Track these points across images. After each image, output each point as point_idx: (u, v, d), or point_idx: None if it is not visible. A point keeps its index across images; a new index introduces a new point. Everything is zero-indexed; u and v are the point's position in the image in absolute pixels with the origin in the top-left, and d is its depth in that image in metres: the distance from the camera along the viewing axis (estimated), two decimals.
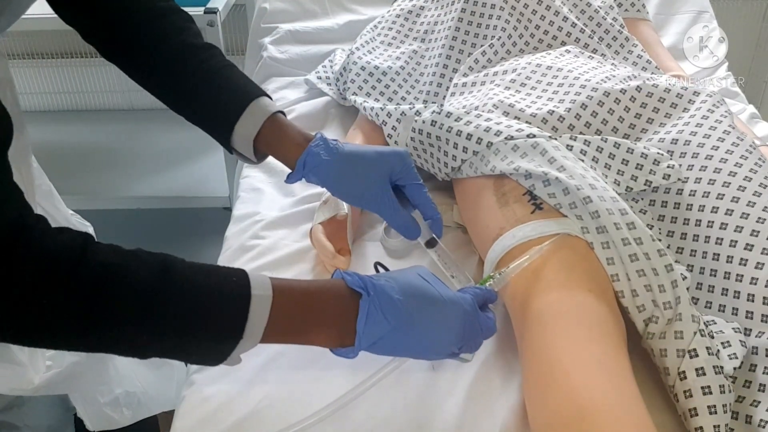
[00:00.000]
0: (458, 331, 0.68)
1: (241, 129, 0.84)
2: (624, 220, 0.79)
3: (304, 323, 0.65)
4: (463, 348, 0.70)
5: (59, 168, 1.95)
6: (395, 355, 0.69)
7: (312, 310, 0.65)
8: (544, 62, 1.07)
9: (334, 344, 0.67)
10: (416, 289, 0.68)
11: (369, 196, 0.84)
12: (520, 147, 0.89)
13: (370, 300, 0.65)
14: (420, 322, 0.66)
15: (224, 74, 0.85)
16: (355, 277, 0.66)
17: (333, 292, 0.66)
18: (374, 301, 0.65)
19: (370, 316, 0.64)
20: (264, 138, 0.84)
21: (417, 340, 0.67)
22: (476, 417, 0.76)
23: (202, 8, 1.51)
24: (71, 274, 0.55)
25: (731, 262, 0.80)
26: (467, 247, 0.99)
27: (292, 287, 0.65)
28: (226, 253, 1.02)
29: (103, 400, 1.16)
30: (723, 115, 0.94)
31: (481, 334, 0.71)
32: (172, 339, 0.60)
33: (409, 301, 0.66)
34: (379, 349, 0.67)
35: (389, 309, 0.65)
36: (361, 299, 0.65)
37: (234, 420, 0.76)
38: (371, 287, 0.65)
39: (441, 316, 0.68)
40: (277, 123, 0.84)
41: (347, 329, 0.65)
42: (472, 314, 0.70)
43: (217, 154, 1.92)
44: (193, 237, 1.99)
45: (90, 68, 2.11)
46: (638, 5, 1.33)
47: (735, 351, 0.74)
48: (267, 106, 0.84)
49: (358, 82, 1.23)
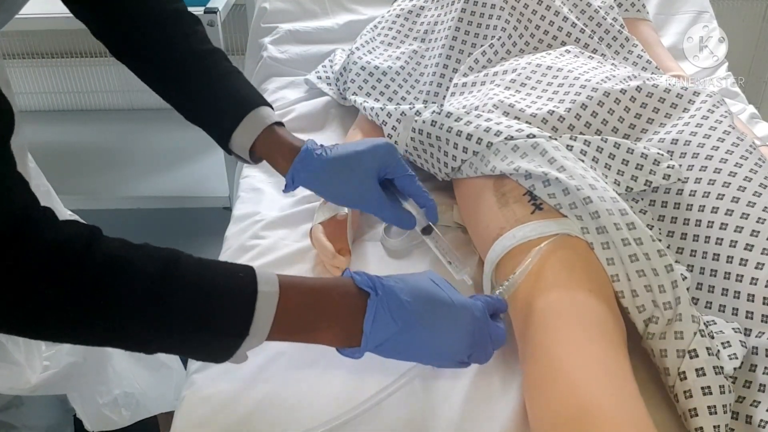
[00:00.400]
0: (468, 337, 0.68)
1: (238, 138, 0.86)
2: (624, 220, 0.79)
3: (310, 321, 0.64)
4: (472, 357, 0.69)
5: (59, 168, 1.96)
6: (402, 359, 0.68)
7: (319, 307, 0.65)
8: (544, 62, 1.07)
9: (341, 343, 0.66)
10: (426, 292, 0.67)
11: (357, 197, 0.85)
12: (520, 147, 0.89)
13: (378, 300, 0.64)
14: (428, 326, 0.66)
15: (226, 82, 0.87)
16: (363, 276, 0.66)
17: (341, 290, 0.66)
18: (382, 302, 0.64)
19: (377, 317, 0.64)
20: (259, 148, 0.87)
21: (424, 344, 0.66)
22: (476, 418, 0.76)
23: (202, 8, 1.51)
24: (77, 266, 0.55)
25: (731, 262, 0.80)
26: (467, 247, 0.99)
27: (299, 284, 0.65)
28: (226, 253, 1.02)
29: (101, 400, 1.16)
30: (723, 115, 0.94)
31: (491, 344, 0.70)
32: (177, 334, 0.60)
33: (418, 304, 0.66)
34: (385, 351, 0.66)
35: (397, 310, 0.64)
36: (369, 299, 0.64)
37: (234, 420, 0.76)
38: (380, 287, 0.65)
39: (450, 321, 0.67)
40: (273, 135, 0.86)
41: (354, 329, 0.64)
42: (483, 321, 0.69)
43: (217, 154, 1.92)
44: (193, 237, 1.98)
45: (90, 68, 2.11)
46: (638, 5, 1.33)
47: (735, 351, 0.74)
48: (264, 118, 0.86)
49: (358, 82, 1.23)
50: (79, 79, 2.13)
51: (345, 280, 0.67)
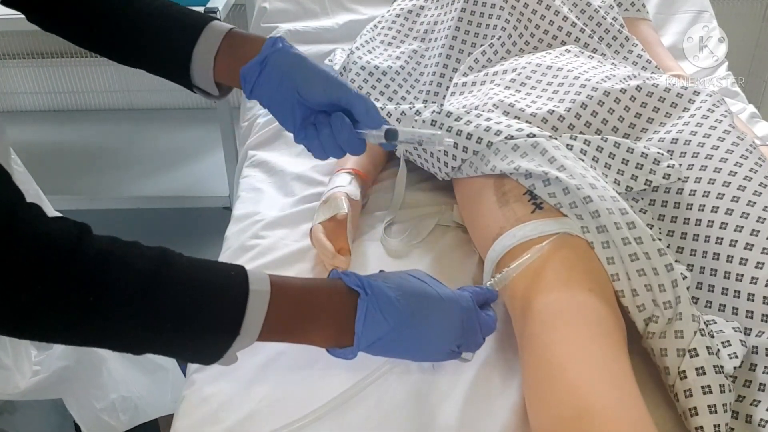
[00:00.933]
0: (457, 328, 0.68)
1: (198, 56, 0.76)
2: (624, 219, 0.79)
3: (302, 321, 0.64)
4: (462, 346, 0.70)
5: (60, 168, 1.96)
6: (394, 357, 0.69)
7: (310, 307, 0.65)
8: (544, 62, 1.07)
9: (332, 344, 0.67)
10: (413, 289, 0.68)
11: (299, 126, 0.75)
12: (520, 146, 0.89)
13: (368, 299, 0.65)
14: (419, 321, 0.66)
15: (168, 10, 0.79)
16: (352, 276, 0.66)
17: (331, 291, 0.66)
18: (372, 301, 0.65)
19: (368, 316, 0.64)
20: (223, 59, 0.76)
21: (416, 340, 0.67)
22: (476, 417, 0.76)
23: (202, 8, 1.51)
24: (67, 260, 0.54)
25: (731, 261, 0.80)
26: (467, 246, 0.99)
27: (290, 284, 0.65)
28: (227, 252, 1.02)
29: (98, 405, 1.15)
30: (723, 114, 0.94)
31: (480, 332, 0.71)
32: (168, 332, 0.59)
33: (408, 300, 0.66)
34: (377, 349, 0.66)
35: (388, 308, 0.65)
36: (360, 299, 0.65)
37: (234, 420, 0.76)
38: (369, 287, 0.65)
39: (439, 314, 0.68)
40: (234, 38, 0.77)
41: (345, 329, 0.65)
42: (471, 311, 0.70)
43: (217, 154, 1.92)
44: (193, 237, 1.99)
45: (90, 68, 2.11)
46: (638, 5, 1.33)
47: (735, 350, 0.74)
48: (220, 27, 0.78)
49: (358, 81, 1.23)
50: (79, 79, 2.14)
51: (335, 281, 0.67)
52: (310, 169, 1.16)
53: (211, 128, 2.02)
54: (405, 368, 0.79)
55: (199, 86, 0.80)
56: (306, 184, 1.13)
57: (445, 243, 1.01)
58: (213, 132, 1.95)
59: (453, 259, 0.97)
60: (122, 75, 2.14)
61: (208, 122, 2.09)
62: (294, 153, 1.22)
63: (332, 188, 1.02)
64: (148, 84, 2.16)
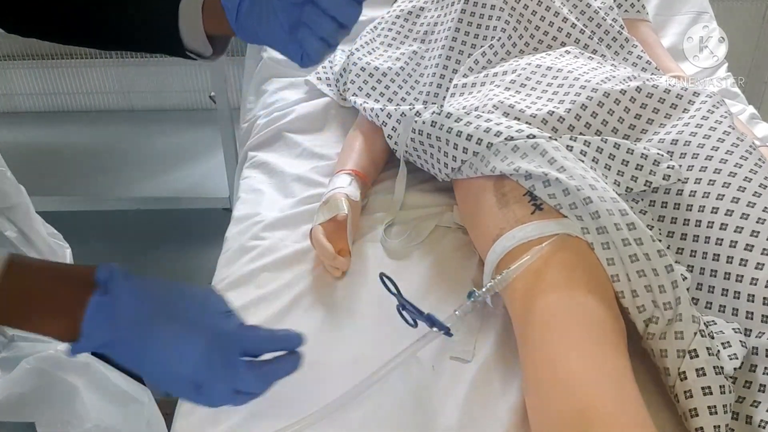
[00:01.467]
0: (195, 360, 0.60)
1: (186, 8, 0.75)
2: (624, 220, 0.79)
3: (29, 303, 0.59)
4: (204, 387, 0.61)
5: (60, 169, 1.96)
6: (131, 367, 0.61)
7: (42, 292, 0.59)
8: (544, 63, 1.07)
9: (64, 337, 0.59)
10: (163, 303, 0.61)
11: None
12: (520, 148, 0.89)
13: (101, 300, 0.58)
14: (153, 342, 0.60)
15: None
16: (107, 271, 0.60)
17: (73, 280, 0.60)
18: (105, 304, 0.58)
19: (95, 318, 0.58)
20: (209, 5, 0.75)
21: (146, 358, 0.60)
22: (476, 418, 0.76)
23: None
24: None
25: (731, 262, 0.80)
26: (467, 248, 0.99)
27: (29, 265, 0.60)
28: (227, 253, 1.02)
29: None
30: (723, 115, 0.94)
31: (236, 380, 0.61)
32: None
33: (151, 315, 0.60)
34: (111, 354, 0.60)
35: (122, 315, 0.59)
36: (92, 297, 0.58)
37: (234, 420, 0.76)
38: (115, 287, 0.59)
39: (178, 340, 0.60)
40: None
41: (77, 324, 0.58)
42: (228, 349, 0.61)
43: (217, 154, 1.92)
44: (193, 238, 1.99)
45: (90, 69, 2.11)
46: (638, 6, 1.33)
47: (735, 351, 0.74)
48: None
49: (358, 82, 1.23)
50: (79, 80, 2.14)
51: (90, 269, 0.60)
52: (310, 171, 1.16)
53: (211, 129, 2.02)
54: (405, 369, 0.79)
55: (190, 48, 0.77)
56: (306, 185, 1.13)
57: (445, 244, 1.01)
58: (213, 133, 1.95)
59: (453, 261, 0.98)
60: (122, 76, 2.14)
61: (208, 123, 2.09)
62: (294, 154, 1.22)
63: (332, 189, 1.02)
64: (148, 85, 2.16)
